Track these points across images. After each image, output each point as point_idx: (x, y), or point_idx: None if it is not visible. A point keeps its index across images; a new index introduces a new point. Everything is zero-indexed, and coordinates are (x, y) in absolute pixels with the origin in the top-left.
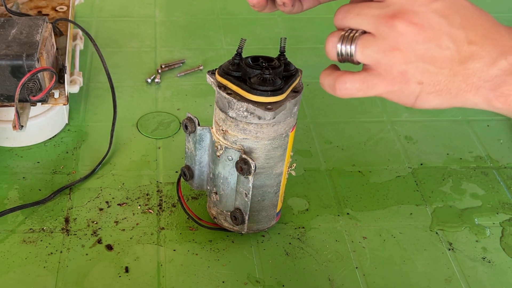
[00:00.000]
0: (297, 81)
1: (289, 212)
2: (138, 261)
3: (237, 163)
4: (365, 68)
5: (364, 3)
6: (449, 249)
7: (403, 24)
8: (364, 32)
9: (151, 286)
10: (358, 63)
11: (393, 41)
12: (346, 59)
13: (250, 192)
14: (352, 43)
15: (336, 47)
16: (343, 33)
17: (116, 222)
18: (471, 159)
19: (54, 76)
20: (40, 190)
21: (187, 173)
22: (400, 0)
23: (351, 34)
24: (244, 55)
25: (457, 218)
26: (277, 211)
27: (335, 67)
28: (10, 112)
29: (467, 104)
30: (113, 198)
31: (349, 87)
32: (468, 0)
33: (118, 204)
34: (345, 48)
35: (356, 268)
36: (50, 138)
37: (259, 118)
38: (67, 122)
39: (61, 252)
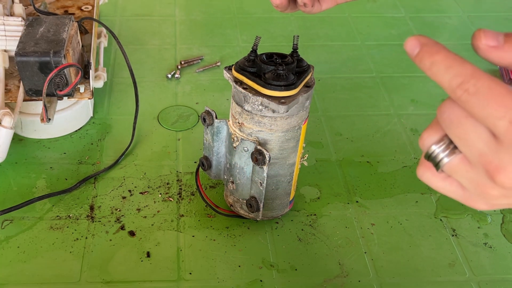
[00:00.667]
0: (309, 77)
1: (302, 200)
2: (159, 247)
3: (252, 154)
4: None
5: (474, 127)
6: (453, 235)
7: (505, 179)
8: None
9: (171, 270)
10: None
11: (488, 185)
12: (431, 161)
13: (265, 181)
14: (448, 155)
15: (430, 146)
16: (445, 139)
17: (138, 209)
18: None
19: (80, 72)
20: (66, 179)
21: (205, 163)
22: None
23: (451, 147)
24: (259, 52)
25: (460, 206)
26: (290, 199)
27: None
28: (38, 106)
29: None
30: (135, 187)
31: (425, 180)
32: None
33: (140, 193)
34: (437, 155)
35: (365, 253)
36: (76, 130)
37: (273, 111)
38: (92, 115)
39: (86, 238)
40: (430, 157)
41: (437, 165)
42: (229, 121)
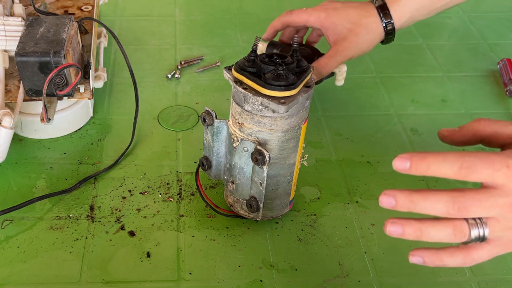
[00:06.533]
0: (309, 77)
1: (302, 200)
2: (159, 247)
3: (252, 154)
4: (488, 241)
5: (479, 194)
6: None
7: None
8: None
9: (171, 270)
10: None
11: None
12: (474, 241)
13: (265, 182)
14: (483, 228)
15: (467, 235)
16: (468, 221)
17: (138, 209)
18: (473, 150)
19: (80, 72)
20: (66, 179)
21: (205, 163)
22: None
23: (478, 220)
24: (259, 52)
25: None
26: (290, 199)
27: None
28: (38, 106)
29: None
30: (135, 187)
31: (477, 258)
32: None
33: (140, 193)
34: (477, 234)
35: (365, 253)
36: (76, 131)
37: (273, 111)
38: (92, 115)
39: (86, 238)
40: (472, 240)
41: (482, 238)
42: (229, 121)
